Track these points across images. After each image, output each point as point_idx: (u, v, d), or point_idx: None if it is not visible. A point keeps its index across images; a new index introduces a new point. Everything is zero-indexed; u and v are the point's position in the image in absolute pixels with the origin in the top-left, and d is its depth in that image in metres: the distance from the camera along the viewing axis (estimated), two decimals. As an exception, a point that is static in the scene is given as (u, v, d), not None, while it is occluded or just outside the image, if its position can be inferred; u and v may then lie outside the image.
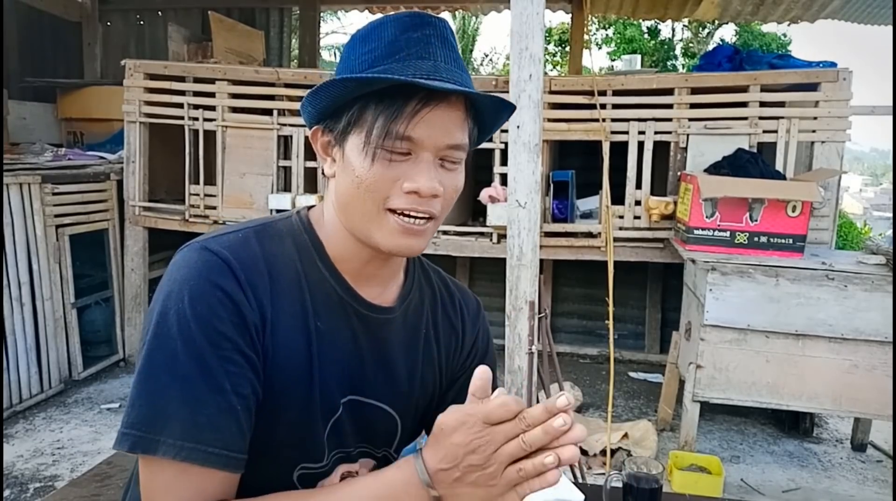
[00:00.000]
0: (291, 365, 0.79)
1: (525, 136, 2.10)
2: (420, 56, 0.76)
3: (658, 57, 12.69)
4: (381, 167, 0.76)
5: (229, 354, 0.73)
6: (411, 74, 0.74)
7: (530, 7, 2.06)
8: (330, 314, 0.83)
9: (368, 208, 0.78)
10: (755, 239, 3.07)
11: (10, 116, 4.86)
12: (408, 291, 0.92)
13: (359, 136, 0.77)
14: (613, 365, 2.96)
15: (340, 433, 0.86)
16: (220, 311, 0.73)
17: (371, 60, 0.77)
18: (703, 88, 3.56)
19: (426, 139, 0.76)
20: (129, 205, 4.17)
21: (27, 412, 3.47)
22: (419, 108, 0.75)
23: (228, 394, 0.73)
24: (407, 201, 0.77)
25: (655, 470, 1.19)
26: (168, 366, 0.72)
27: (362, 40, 0.79)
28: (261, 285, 0.77)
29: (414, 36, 0.77)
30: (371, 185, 0.77)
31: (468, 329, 1.00)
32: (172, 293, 0.74)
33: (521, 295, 2.15)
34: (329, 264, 0.84)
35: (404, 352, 0.91)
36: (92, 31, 5.91)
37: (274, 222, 0.86)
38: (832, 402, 2.90)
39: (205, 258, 0.76)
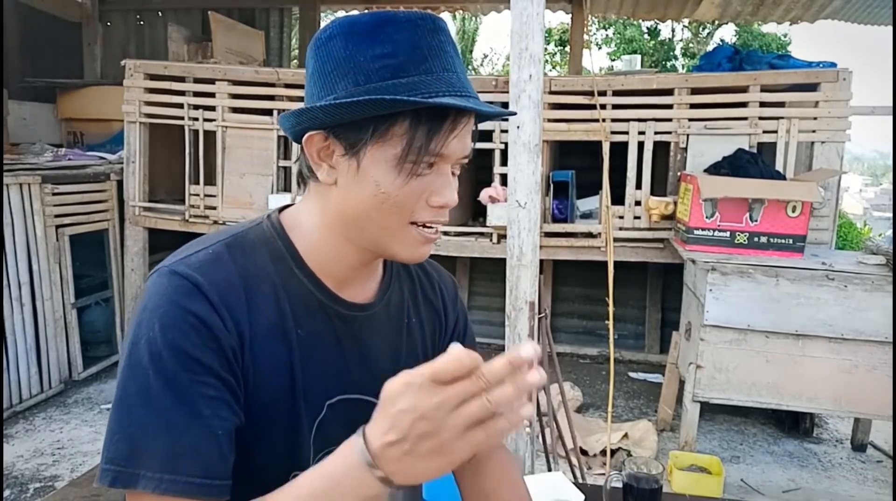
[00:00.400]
0: (274, 380, 0.77)
1: (525, 136, 2.10)
2: (445, 68, 0.74)
3: (658, 57, 12.69)
4: (411, 182, 0.75)
5: (205, 378, 0.71)
6: (446, 90, 0.73)
7: (530, 7, 2.06)
8: (310, 320, 0.81)
9: (392, 222, 0.77)
10: (755, 239, 3.07)
11: (10, 116, 4.86)
12: (387, 283, 0.91)
13: (383, 149, 0.74)
14: (613, 365, 2.96)
15: (327, 432, 0.84)
16: (194, 337, 0.71)
17: (395, 67, 0.73)
18: (703, 88, 3.56)
19: (453, 155, 0.76)
20: (129, 205, 4.17)
21: (27, 413, 3.47)
22: (454, 127, 0.74)
23: (207, 419, 0.70)
24: (432, 214, 0.78)
25: (655, 470, 1.19)
26: (142, 397, 0.69)
27: (370, 40, 0.74)
28: (236, 305, 0.74)
29: (433, 43, 0.74)
30: (400, 201, 0.75)
31: (449, 310, 0.99)
32: (143, 323, 0.72)
33: (521, 295, 2.15)
34: (306, 270, 0.81)
35: (388, 344, 0.90)
36: (92, 32, 5.91)
37: (245, 231, 0.82)
38: (832, 402, 2.90)
39: (175, 284, 0.73)
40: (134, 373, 0.70)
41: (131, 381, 0.70)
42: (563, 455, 2.57)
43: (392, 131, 0.73)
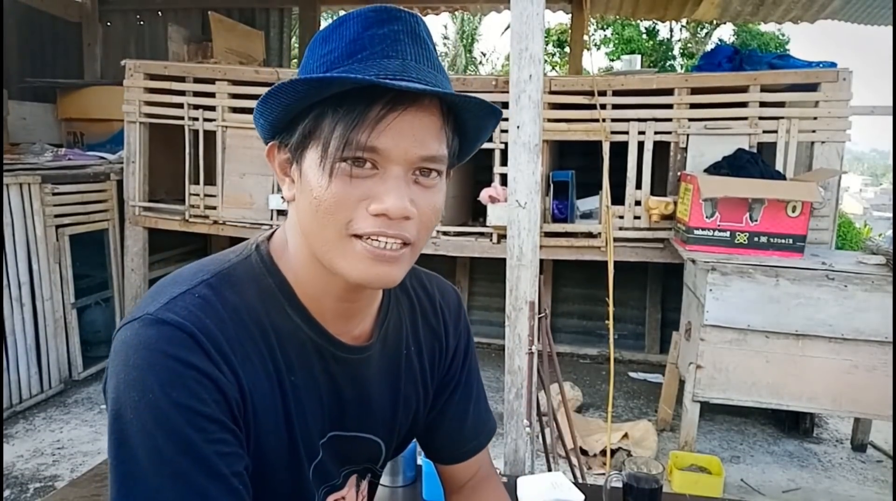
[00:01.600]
0: (272, 429, 0.73)
1: (525, 136, 2.10)
2: (385, 55, 0.66)
3: (656, 57, 12.69)
4: (342, 185, 0.65)
5: (218, 435, 0.65)
6: (374, 74, 0.64)
7: (530, 7, 2.06)
8: (304, 365, 0.75)
9: (330, 233, 0.67)
10: (755, 239, 3.07)
11: (10, 116, 4.86)
12: (384, 314, 0.84)
13: (316, 149, 0.66)
14: (613, 365, 2.96)
15: (325, 470, 0.82)
16: (200, 392, 0.64)
17: (330, 62, 0.67)
18: (702, 88, 3.56)
19: (394, 150, 0.65)
20: (129, 205, 4.17)
21: (27, 412, 3.47)
22: (384, 113, 0.64)
23: (228, 478, 0.65)
24: (374, 225, 0.66)
25: (655, 470, 1.19)
26: (155, 465, 0.63)
27: (323, 41, 0.69)
28: (231, 354, 0.68)
29: (379, 33, 0.67)
30: (331, 206, 0.66)
31: (451, 332, 0.93)
32: (135, 383, 0.64)
33: (521, 295, 2.15)
34: (300, 309, 0.74)
35: (385, 380, 0.85)
36: (92, 32, 5.91)
37: (231, 267, 0.74)
38: (832, 402, 2.90)
39: (166, 334, 0.65)
40: (139, 441, 0.63)
41: (139, 449, 0.63)
42: (563, 455, 2.57)
43: (319, 129, 0.66)
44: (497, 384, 4.04)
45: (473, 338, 1.00)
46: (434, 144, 0.68)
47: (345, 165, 0.65)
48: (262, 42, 5.41)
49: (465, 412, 0.97)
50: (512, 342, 2.16)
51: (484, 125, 0.75)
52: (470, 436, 0.99)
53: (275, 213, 3.96)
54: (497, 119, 0.74)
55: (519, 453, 2.19)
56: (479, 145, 0.80)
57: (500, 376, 3.49)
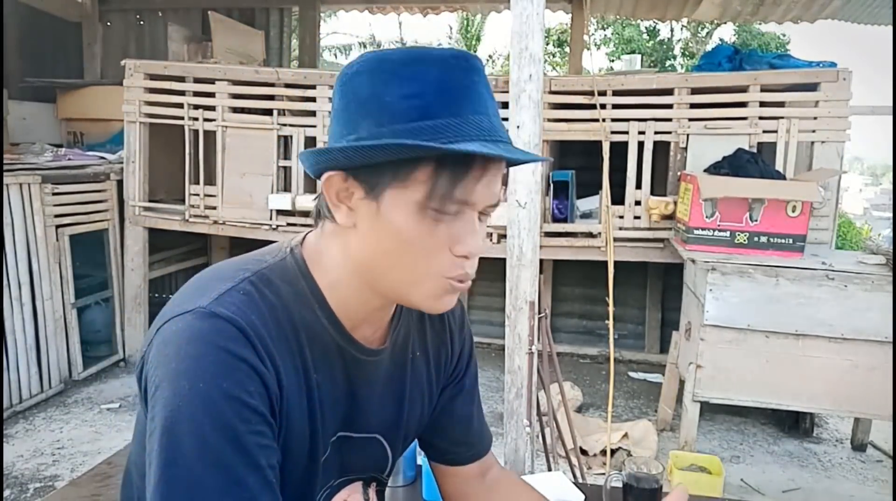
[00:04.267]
0: (296, 425, 0.76)
1: (525, 136, 2.10)
2: (475, 110, 0.70)
3: (657, 57, 12.70)
4: (431, 228, 0.71)
5: (259, 427, 0.69)
6: (475, 134, 0.69)
7: (530, 7, 2.06)
8: (327, 365, 0.79)
9: (417, 272, 0.73)
10: (755, 239, 3.07)
11: (10, 116, 4.86)
12: (397, 320, 0.88)
13: (404, 194, 0.70)
14: (613, 365, 2.96)
15: (329, 468, 0.84)
16: (248, 384, 0.68)
17: (420, 109, 0.68)
18: (703, 88, 3.56)
19: (479, 202, 0.72)
20: (129, 205, 4.17)
21: (27, 412, 3.47)
22: (482, 174, 0.70)
23: (264, 470, 0.69)
24: (461, 266, 0.73)
25: (655, 470, 1.19)
26: (199, 452, 0.66)
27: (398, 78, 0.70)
28: (274, 350, 0.72)
29: (465, 83, 0.70)
30: (421, 249, 0.72)
31: (456, 339, 0.97)
32: (188, 371, 0.67)
33: (521, 295, 2.15)
34: (328, 312, 0.79)
35: (393, 383, 0.88)
36: (92, 31, 5.91)
37: (269, 266, 0.78)
38: (832, 402, 2.90)
39: (219, 327, 0.69)
40: (187, 428, 0.66)
41: (185, 436, 0.66)
42: (563, 454, 2.57)
43: (414, 176, 0.69)
44: (497, 384, 4.04)
45: (475, 352, 1.04)
46: (500, 191, 0.75)
47: (435, 212, 0.71)
48: (262, 42, 5.41)
49: (470, 416, 1.01)
50: (512, 341, 2.16)
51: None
52: (476, 440, 1.01)
53: (274, 213, 3.96)
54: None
55: (519, 453, 2.19)
56: None
57: (500, 376, 3.48)
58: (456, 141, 0.67)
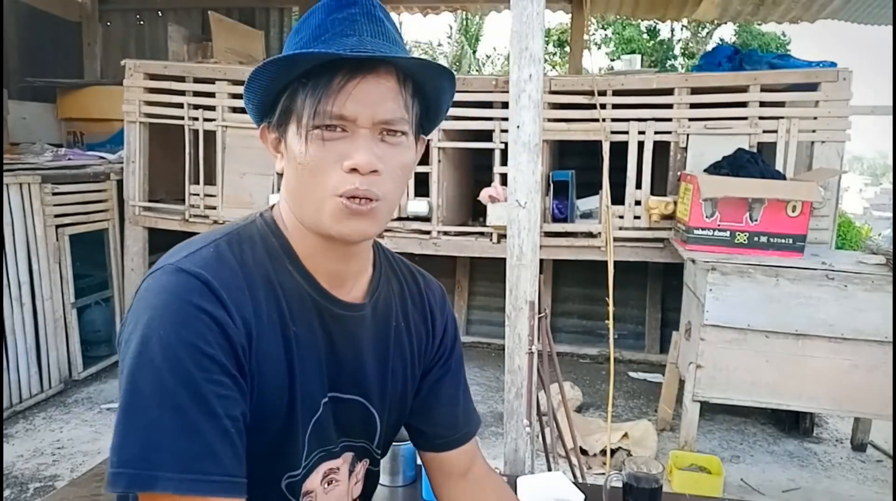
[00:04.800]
0: (274, 378, 0.78)
1: (525, 136, 2.10)
2: (344, 34, 0.76)
3: (657, 57, 12.70)
4: (318, 149, 0.75)
5: (218, 377, 0.70)
6: (334, 50, 0.74)
7: (530, 7, 2.06)
8: (305, 318, 0.82)
9: (315, 195, 0.77)
10: (755, 239, 3.07)
11: (10, 116, 4.86)
12: (376, 284, 0.91)
13: (294, 122, 0.77)
14: (613, 365, 2.96)
15: (322, 432, 0.85)
16: (207, 334, 0.70)
17: (300, 47, 0.77)
18: (703, 88, 3.56)
19: (358, 114, 0.75)
20: (129, 205, 4.17)
21: (27, 412, 3.47)
22: (344, 82, 0.74)
23: (222, 419, 0.70)
24: (350, 182, 0.75)
25: (655, 470, 1.19)
26: (157, 396, 0.68)
27: (295, 31, 0.80)
28: (242, 302, 0.75)
29: (339, 16, 0.77)
30: (312, 169, 0.76)
31: (437, 318, 0.99)
32: (153, 320, 0.70)
33: (521, 295, 2.15)
34: (300, 267, 0.82)
35: (376, 346, 0.90)
36: (92, 31, 5.91)
37: (241, 228, 0.83)
38: (832, 402, 2.90)
39: (183, 281, 0.72)
40: (146, 373, 0.69)
41: (144, 381, 0.68)
42: (563, 454, 2.57)
43: (295, 102, 0.76)
44: (497, 384, 4.04)
45: (460, 334, 1.05)
46: (392, 106, 0.77)
47: (318, 132, 0.75)
48: (262, 42, 5.40)
49: (456, 398, 1.02)
50: (512, 341, 2.16)
51: (440, 86, 0.82)
52: (462, 422, 1.02)
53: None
54: (451, 80, 0.82)
55: (519, 453, 2.19)
56: (444, 108, 0.87)
57: (500, 376, 3.49)
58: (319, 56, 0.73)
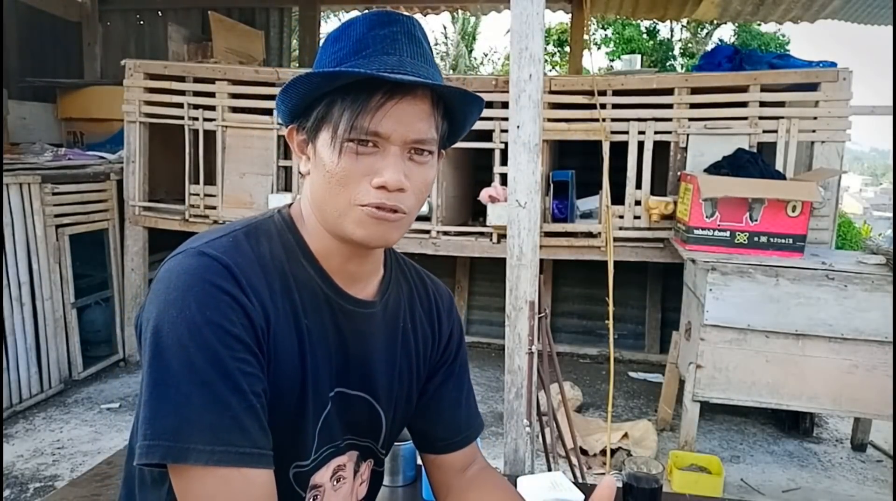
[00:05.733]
0: (288, 367, 0.80)
1: (525, 136, 2.10)
2: (385, 52, 0.77)
3: (657, 57, 12.69)
4: (349, 161, 0.77)
5: (243, 355, 0.73)
6: (375, 68, 0.76)
7: (530, 7, 2.06)
8: (316, 312, 0.84)
9: (340, 203, 0.79)
10: (755, 239, 3.07)
11: (10, 116, 4.86)
12: (386, 285, 0.93)
13: (327, 131, 0.78)
14: (613, 365, 2.96)
15: (331, 427, 0.87)
16: (230, 314, 0.73)
17: (339, 59, 0.78)
18: (703, 88, 3.56)
19: (392, 133, 0.77)
20: (129, 205, 4.17)
21: (27, 412, 3.47)
22: (383, 101, 0.76)
23: (248, 395, 0.73)
24: (376, 196, 0.78)
25: (655, 470, 1.19)
26: (186, 373, 0.70)
27: (334, 40, 0.81)
28: (260, 288, 0.77)
29: (381, 33, 0.78)
30: (341, 179, 0.78)
31: (444, 322, 1.01)
32: (178, 300, 0.73)
33: (521, 295, 2.15)
34: (314, 263, 0.85)
35: (384, 345, 0.92)
36: (92, 31, 5.91)
37: (258, 222, 0.85)
38: (832, 402, 2.90)
39: (205, 263, 0.75)
40: (173, 350, 0.71)
41: (172, 358, 0.71)
42: (563, 454, 2.57)
43: (331, 113, 0.78)
44: (497, 384, 4.04)
45: (465, 338, 1.07)
46: (424, 127, 0.79)
47: (352, 144, 0.77)
48: (262, 42, 5.41)
49: (459, 402, 1.03)
50: (512, 342, 2.16)
51: (469, 111, 0.85)
52: (464, 426, 1.03)
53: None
54: (480, 106, 0.85)
55: (519, 453, 2.19)
56: (468, 128, 0.90)
57: (500, 376, 3.49)
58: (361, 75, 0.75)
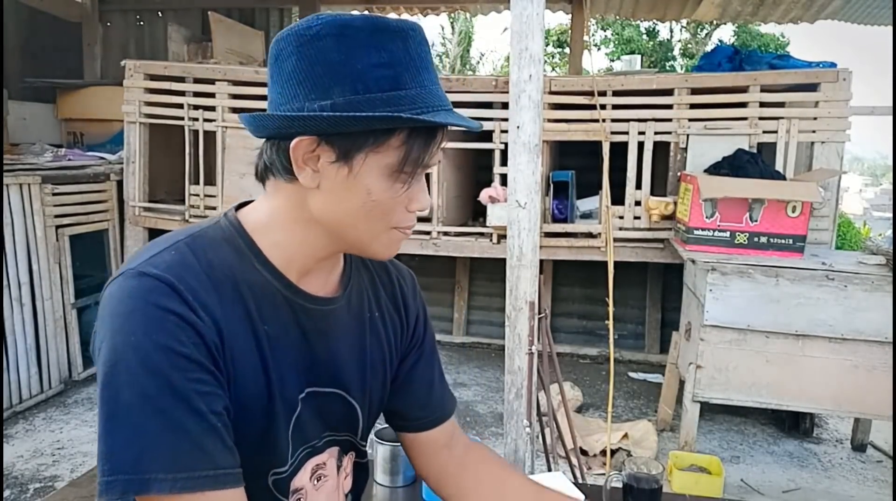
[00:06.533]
0: (249, 377, 0.78)
1: (525, 136, 2.10)
2: (433, 81, 0.77)
3: (656, 57, 12.70)
4: (399, 190, 0.78)
5: (197, 375, 0.71)
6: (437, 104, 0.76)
7: (530, 7, 2.06)
8: (276, 315, 0.81)
9: (378, 227, 0.80)
10: (755, 239, 3.07)
11: (10, 116, 4.86)
12: (348, 277, 0.92)
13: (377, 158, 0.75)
14: (613, 365, 2.96)
15: (304, 428, 0.86)
16: (179, 334, 0.70)
17: (392, 79, 0.73)
18: (702, 88, 3.56)
19: (432, 163, 0.80)
20: (129, 205, 4.17)
21: (27, 413, 3.47)
22: (441, 139, 0.78)
23: (206, 415, 0.70)
24: (411, 219, 0.82)
25: (655, 471, 1.19)
26: (138, 402, 0.68)
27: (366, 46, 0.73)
28: (209, 302, 0.74)
29: (422, 55, 0.76)
30: (387, 208, 0.78)
31: (410, 305, 1.00)
32: (123, 327, 0.70)
33: (521, 295, 2.15)
34: (269, 266, 0.81)
35: (352, 338, 0.91)
36: (92, 32, 5.90)
37: (203, 229, 0.81)
38: (832, 402, 2.90)
39: (146, 284, 0.71)
40: (123, 380, 0.69)
41: (123, 388, 0.68)
42: (563, 455, 2.57)
43: (388, 143, 0.74)
44: (497, 384, 4.04)
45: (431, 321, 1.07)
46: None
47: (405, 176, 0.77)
48: (262, 42, 5.40)
49: (431, 379, 1.04)
50: (512, 342, 2.16)
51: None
52: (438, 404, 1.04)
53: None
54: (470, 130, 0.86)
55: (519, 453, 2.19)
56: None
57: (500, 376, 3.49)
58: (427, 111, 0.74)
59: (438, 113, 0.75)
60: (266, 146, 0.80)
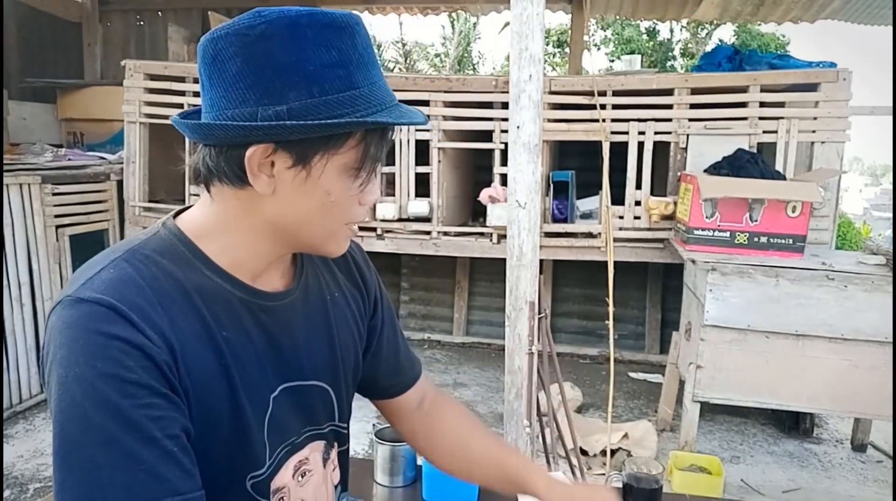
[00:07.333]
0: (211, 387, 0.75)
1: (525, 136, 2.10)
2: (379, 76, 0.77)
3: (657, 57, 12.70)
4: (351, 186, 0.78)
5: (147, 400, 0.67)
6: (388, 101, 0.76)
7: (530, 7, 2.06)
8: (234, 320, 0.79)
9: (333, 225, 0.80)
10: (755, 239, 3.07)
11: (10, 116, 4.86)
12: (300, 266, 0.91)
13: (335, 159, 0.74)
14: (613, 365, 2.96)
15: (280, 427, 0.85)
16: (125, 360, 0.67)
17: (346, 79, 0.72)
18: (702, 88, 3.56)
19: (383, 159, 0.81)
20: (130, 205, 4.17)
21: (27, 413, 3.47)
22: (392, 133, 0.80)
23: (160, 441, 0.67)
24: (364, 214, 0.83)
25: (655, 471, 1.19)
26: (86, 435, 0.65)
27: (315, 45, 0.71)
28: (156, 319, 0.71)
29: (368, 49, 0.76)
30: (345, 206, 0.78)
31: (366, 276, 1.01)
32: (65, 359, 0.67)
33: (521, 295, 2.15)
34: (219, 271, 0.79)
35: (317, 324, 0.90)
36: (92, 32, 5.90)
37: (142, 242, 0.78)
38: (832, 402, 2.90)
39: (85, 311, 0.68)
40: (70, 414, 0.66)
41: (70, 423, 0.66)
42: (563, 455, 2.57)
43: (347, 144, 0.74)
44: (497, 384, 4.04)
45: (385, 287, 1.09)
46: None
47: (367, 174, 0.78)
48: (262, 42, 5.40)
49: (398, 344, 1.08)
50: (512, 342, 2.16)
51: None
52: (407, 367, 1.08)
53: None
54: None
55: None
56: None
57: (500, 376, 3.48)
58: (381, 109, 0.74)
59: (391, 110, 0.75)
60: (208, 152, 0.76)
